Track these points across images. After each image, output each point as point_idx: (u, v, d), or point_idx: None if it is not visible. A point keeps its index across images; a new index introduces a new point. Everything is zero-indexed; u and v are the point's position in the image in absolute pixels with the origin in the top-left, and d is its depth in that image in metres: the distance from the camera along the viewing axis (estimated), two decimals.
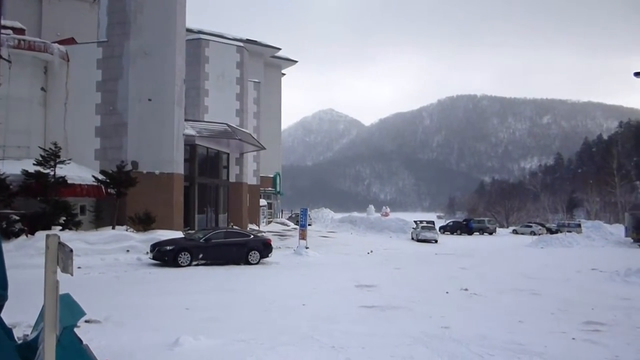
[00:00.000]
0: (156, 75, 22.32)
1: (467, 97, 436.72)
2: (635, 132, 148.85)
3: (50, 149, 19.37)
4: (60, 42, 23.42)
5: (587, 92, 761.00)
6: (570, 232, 42.79)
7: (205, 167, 27.75)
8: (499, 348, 7.18)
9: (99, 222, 20.99)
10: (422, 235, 36.17)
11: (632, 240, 36.72)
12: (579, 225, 47.15)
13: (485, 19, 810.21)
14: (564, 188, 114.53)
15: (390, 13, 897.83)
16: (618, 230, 40.99)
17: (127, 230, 20.45)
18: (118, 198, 20.92)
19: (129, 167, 21.57)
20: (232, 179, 31.04)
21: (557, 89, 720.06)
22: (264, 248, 19.19)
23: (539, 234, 46.45)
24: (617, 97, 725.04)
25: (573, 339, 7.89)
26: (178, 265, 16.91)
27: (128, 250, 18.75)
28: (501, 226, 71.18)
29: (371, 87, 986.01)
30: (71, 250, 2.75)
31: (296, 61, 51.50)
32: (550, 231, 49.67)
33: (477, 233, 51.06)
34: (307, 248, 22.64)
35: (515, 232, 55.36)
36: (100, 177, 20.93)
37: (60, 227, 18.78)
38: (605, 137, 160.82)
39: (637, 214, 39.15)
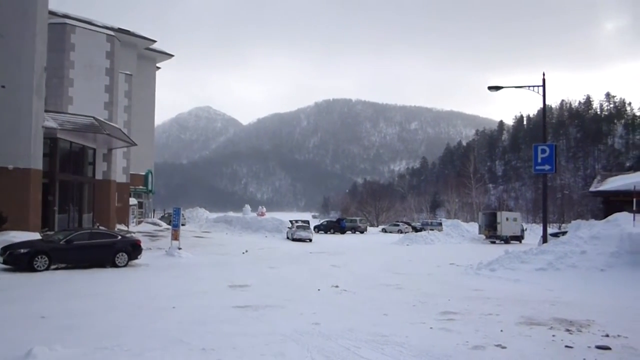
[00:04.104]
0: (11, 59, 20.19)
1: (343, 101, 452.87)
2: (489, 140, 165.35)
3: None
4: None
5: (450, 102, 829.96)
6: (432, 230, 46.26)
7: (68, 162, 25.71)
8: (364, 340, 7.54)
9: None
10: (297, 234, 36.79)
11: (484, 237, 40.67)
12: (440, 224, 51.20)
13: (358, 28, 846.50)
14: (428, 189, 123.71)
15: (266, 14, 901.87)
16: (473, 228, 45.13)
17: None
18: None
19: None
20: (99, 176, 29.09)
21: (423, 97, 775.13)
22: (133, 249, 18.24)
23: (405, 232, 49.54)
24: (474, 108, 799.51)
25: (431, 328, 8.52)
26: (34, 270, 15.48)
27: None
28: (372, 225, 74.85)
29: (250, 87, 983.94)
30: None
31: (172, 55, 49.63)
32: (416, 229, 53.21)
33: (350, 232, 53.12)
34: (179, 249, 21.94)
35: (384, 230, 58.48)
36: None
37: None
38: (464, 143, 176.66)
39: (489, 213, 43.47)
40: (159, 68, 50.13)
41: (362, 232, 54.14)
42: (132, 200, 38.30)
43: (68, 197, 25.49)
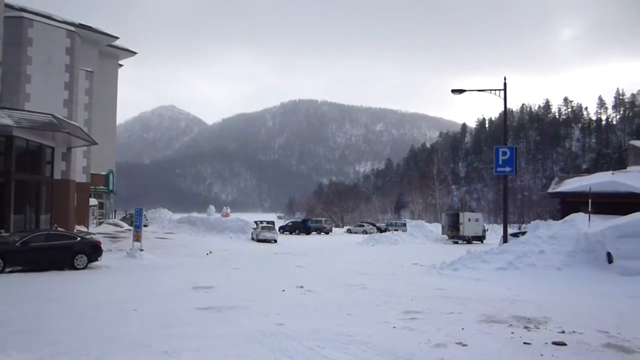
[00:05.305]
0: None
1: (309, 101, 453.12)
2: (452, 142, 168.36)
3: None
4: None
5: (414, 104, 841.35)
6: (397, 230, 46.78)
7: (25, 161, 24.84)
8: (328, 340, 7.56)
9: None
10: (262, 235, 36.61)
11: (447, 237, 41.35)
12: (405, 224, 51.75)
13: (323, 29, 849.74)
14: (393, 190, 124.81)
15: (231, 12, 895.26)
16: (436, 228, 45.81)
17: None
18: None
19: None
20: (57, 175, 28.24)
21: (388, 99, 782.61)
22: (93, 251, 17.82)
23: (370, 233, 49.89)
24: (438, 110, 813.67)
25: (394, 327, 8.61)
26: None
27: None
28: (337, 226, 75.08)
29: (215, 87, 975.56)
30: None
31: (135, 52, 48.69)
32: (380, 230, 53.63)
33: (315, 232, 53.16)
34: (141, 250, 21.55)
35: (349, 231, 58.77)
36: None
37: None
38: (428, 145, 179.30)
39: (451, 214, 44.23)
40: (121, 65, 49.08)
41: (327, 233, 54.23)
42: (93, 201, 37.36)
43: (25, 198, 24.66)
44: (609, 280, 14.47)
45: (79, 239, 18.27)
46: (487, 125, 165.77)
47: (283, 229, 51.77)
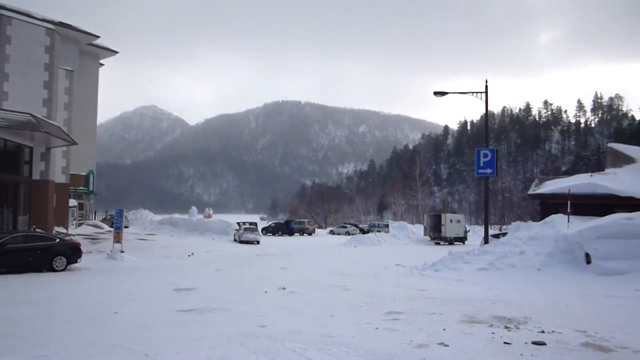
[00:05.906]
0: None
1: (292, 103, 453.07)
2: (434, 143, 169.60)
3: None
4: None
5: (397, 106, 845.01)
6: (379, 231, 46.87)
7: (3, 161, 24.46)
8: (311, 342, 7.56)
9: None
10: (244, 236, 36.45)
11: (429, 239, 41.63)
12: (387, 226, 51.93)
13: (306, 30, 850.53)
14: (376, 192, 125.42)
15: (213, 13, 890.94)
16: (419, 229, 46.10)
17: None
18: None
19: None
20: (36, 176, 27.79)
21: (371, 101, 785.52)
22: (72, 253, 17.57)
23: (353, 234, 50.00)
24: (421, 112, 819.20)
25: (376, 328, 8.65)
26: None
27: None
28: (320, 227, 75.11)
29: (197, 87, 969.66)
30: None
31: (117, 52, 48.14)
32: (363, 231, 53.75)
33: (298, 234, 53.10)
34: (122, 252, 21.31)
35: (332, 232, 58.82)
36: None
37: None
38: (410, 147, 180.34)
39: (433, 215, 44.54)
40: (102, 65, 48.51)
41: (310, 234, 54.18)
42: (72, 202, 36.83)
43: (2, 198, 24.25)
44: (587, 280, 14.69)
45: (58, 240, 17.98)
46: (468, 127, 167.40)
47: (266, 230, 51.60)
